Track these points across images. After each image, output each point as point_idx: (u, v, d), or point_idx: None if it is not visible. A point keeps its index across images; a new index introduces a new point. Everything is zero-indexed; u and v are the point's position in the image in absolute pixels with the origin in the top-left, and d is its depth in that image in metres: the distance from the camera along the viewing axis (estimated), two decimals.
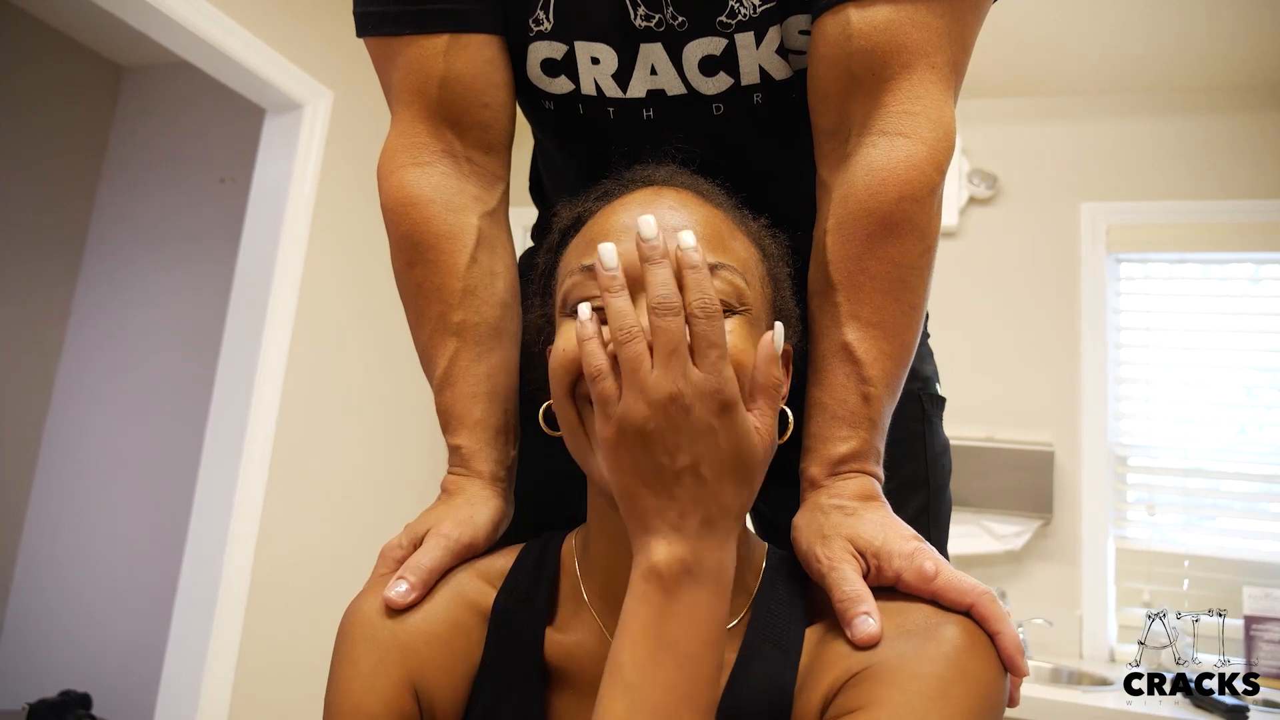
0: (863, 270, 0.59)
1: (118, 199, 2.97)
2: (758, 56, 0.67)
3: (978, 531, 2.42)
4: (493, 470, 0.67)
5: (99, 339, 2.88)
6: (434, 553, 0.59)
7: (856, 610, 0.51)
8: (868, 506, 0.58)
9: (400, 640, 0.56)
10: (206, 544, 2.03)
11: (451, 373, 0.68)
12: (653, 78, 0.69)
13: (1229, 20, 2.20)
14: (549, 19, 0.68)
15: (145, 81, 3.03)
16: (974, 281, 2.59)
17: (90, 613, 2.66)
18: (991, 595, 0.51)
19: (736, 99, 0.69)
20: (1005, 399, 2.50)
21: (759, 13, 0.65)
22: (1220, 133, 2.47)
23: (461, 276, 0.68)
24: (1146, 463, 2.43)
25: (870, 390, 0.59)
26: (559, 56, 0.70)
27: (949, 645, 0.47)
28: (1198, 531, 2.35)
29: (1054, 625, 2.28)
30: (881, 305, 0.59)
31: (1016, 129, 2.64)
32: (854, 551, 0.54)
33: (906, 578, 0.52)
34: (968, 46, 0.63)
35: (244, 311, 2.15)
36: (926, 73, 0.60)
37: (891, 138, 0.60)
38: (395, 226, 0.69)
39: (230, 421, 2.09)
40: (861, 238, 0.60)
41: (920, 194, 0.59)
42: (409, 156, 0.69)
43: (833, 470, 0.59)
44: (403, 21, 0.68)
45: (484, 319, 0.69)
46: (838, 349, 0.60)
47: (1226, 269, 2.48)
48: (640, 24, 0.67)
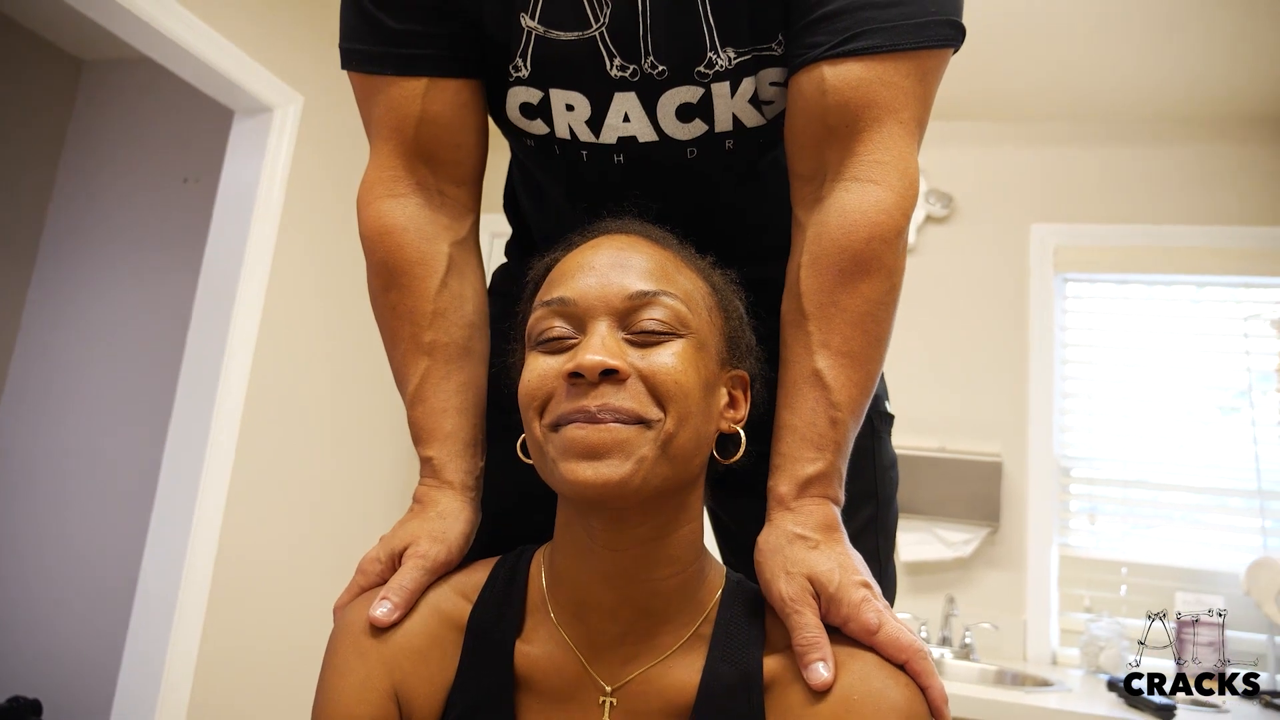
0: (834, 303, 0.64)
1: (75, 196, 2.91)
2: (732, 105, 0.72)
3: (929, 539, 2.50)
4: (462, 480, 0.72)
5: (53, 340, 2.82)
6: (413, 574, 0.64)
7: (813, 657, 0.57)
8: (829, 539, 0.62)
9: (384, 655, 0.61)
10: (167, 548, 2.01)
11: (423, 389, 0.73)
12: (625, 125, 0.73)
13: (1175, 53, 2.31)
14: (527, 66, 0.72)
15: (106, 77, 2.97)
16: (929, 297, 2.68)
17: (41, 618, 2.60)
18: (924, 652, 0.57)
19: (709, 144, 0.74)
20: (957, 411, 2.59)
21: (734, 65, 0.70)
22: (1164, 160, 2.60)
23: (432, 300, 0.73)
24: (1089, 474, 2.54)
25: (837, 415, 0.63)
26: (535, 101, 0.74)
27: (897, 714, 0.55)
28: (1136, 540, 2.47)
29: (999, 629, 2.37)
30: (850, 336, 0.64)
31: (972, 151, 2.74)
32: (813, 592, 0.60)
33: (852, 627, 0.58)
34: (929, 103, 0.69)
35: (209, 313, 2.14)
36: (895, 126, 0.66)
37: (863, 184, 0.65)
38: (372, 253, 0.74)
39: (193, 425, 2.07)
40: (833, 273, 0.64)
41: (888, 235, 0.64)
42: (385, 189, 0.74)
43: (800, 491, 0.64)
44: (385, 62, 0.72)
45: (453, 339, 0.73)
46: (808, 375, 0.64)
47: (1168, 290, 2.61)
48: (615, 74, 0.71)
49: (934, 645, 2.36)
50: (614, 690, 0.59)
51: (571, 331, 0.59)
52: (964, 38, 0.68)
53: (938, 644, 2.36)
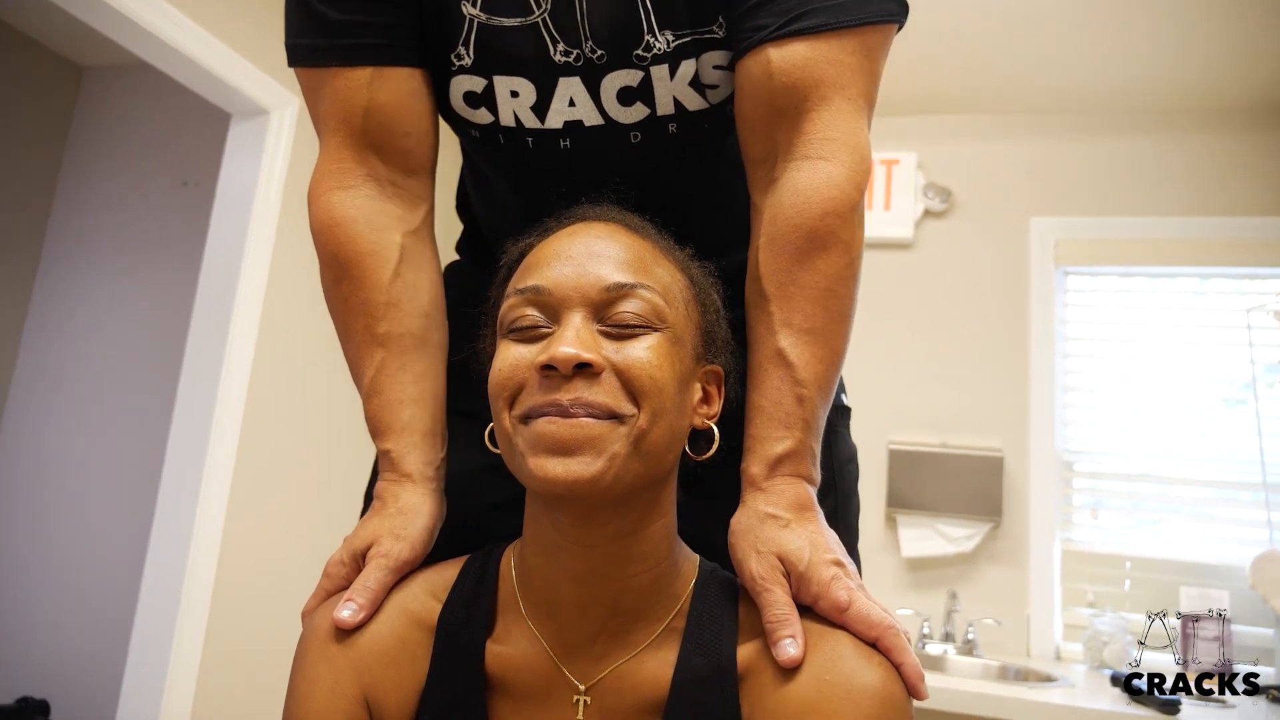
0: (793, 281, 0.64)
1: (76, 200, 2.93)
2: (672, 88, 0.72)
3: (931, 534, 2.49)
4: (421, 470, 0.70)
5: (56, 345, 2.84)
6: (377, 574, 0.63)
7: (782, 634, 0.56)
8: (801, 518, 0.62)
9: (352, 660, 0.60)
10: (169, 550, 2.02)
11: (378, 381, 0.71)
12: (570, 109, 0.73)
13: (1176, 44, 2.30)
14: (469, 54, 0.72)
15: (106, 82, 2.99)
16: (928, 292, 2.67)
17: (49, 619, 2.62)
18: (896, 629, 0.56)
19: (653, 128, 0.74)
20: (958, 406, 2.58)
21: (673, 48, 0.70)
22: (1165, 152, 2.58)
23: (385, 290, 0.72)
24: (1091, 468, 2.53)
25: (803, 392, 0.63)
26: (479, 90, 0.73)
27: (871, 698, 0.54)
28: (1139, 534, 2.46)
29: (1002, 625, 2.36)
30: (812, 313, 0.64)
31: (971, 145, 2.73)
32: (784, 571, 0.59)
33: (822, 605, 0.57)
34: (877, 77, 0.69)
35: (208, 315, 2.15)
36: (843, 103, 0.66)
37: (814, 161, 0.65)
38: (322, 246, 0.74)
39: (193, 428, 2.08)
40: (790, 252, 0.65)
41: (842, 210, 0.64)
42: (335, 181, 0.73)
43: (771, 470, 0.63)
44: (330, 54, 0.72)
45: (408, 330, 0.72)
46: (772, 355, 0.64)
47: (1171, 283, 2.59)
48: (559, 59, 0.71)
49: (936, 641, 2.35)
50: (587, 689, 0.59)
51: (545, 321, 0.58)
52: (907, 13, 0.68)
53: (940, 640, 2.35)
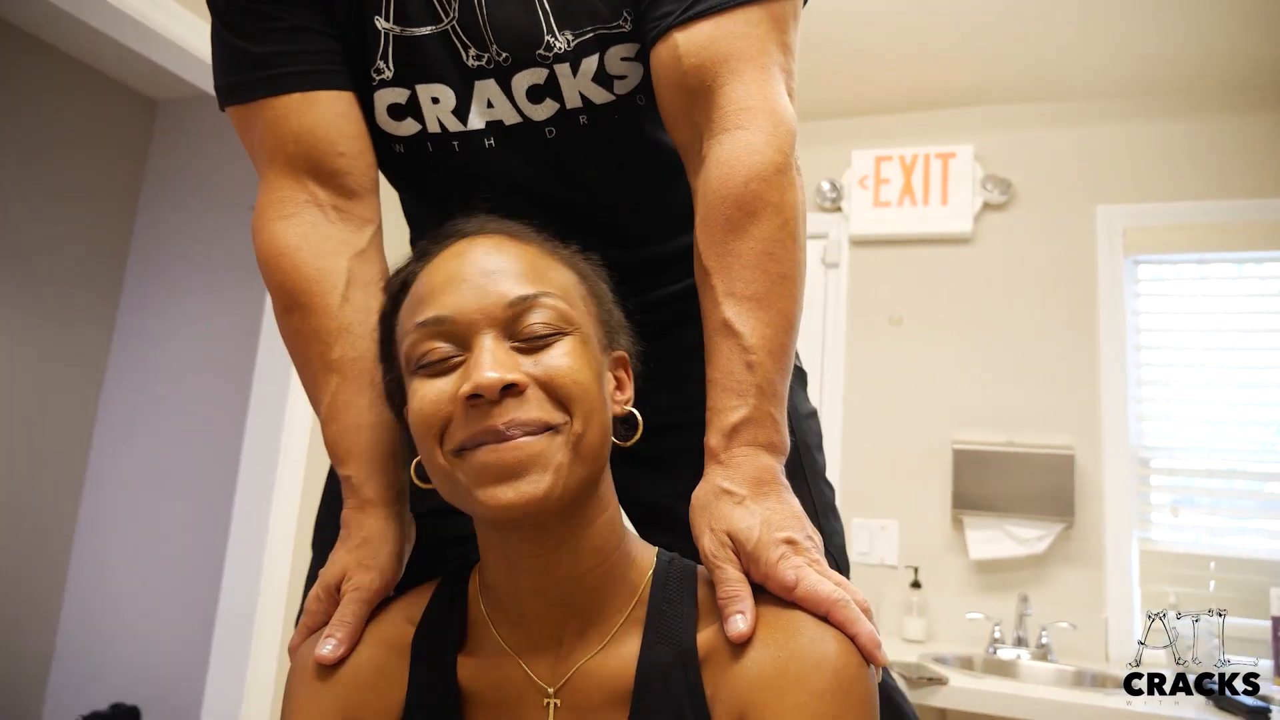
0: (729, 252, 0.65)
1: (154, 229, 3.07)
2: (576, 84, 0.73)
3: (1000, 536, 2.42)
4: (382, 495, 0.69)
5: (139, 365, 2.98)
6: (352, 607, 0.64)
7: (732, 609, 0.57)
8: (757, 493, 0.61)
9: (336, 693, 0.61)
10: (244, 560, 2.11)
11: (335, 406, 0.71)
12: (489, 110, 0.75)
13: (1239, 20, 2.19)
14: (389, 68, 0.74)
15: (179, 114, 3.13)
16: (990, 287, 2.60)
17: (138, 629, 2.75)
18: (844, 600, 0.56)
19: (565, 122, 0.75)
20: (1024, 403, 2.50)
21: (573, 46, 0.72)
22: (1234, 132, 2.46)
23: (335, 316, 0.71)
24: (1169, 464, 2.43)
25: (752, 358, 0.63)
26: (403, 101, 0.75)
27: (827, 670, 0.54)
28: (1224, 533, 2.34)
29: (1078, 629, 2.28)
30: (752, 279, 0.64)
31: (1029, 134, 2.65)
32: (734, 548, 0.59)
33: (771, 585, 0.58)
34: (789, 47, 0.70)
35: (276, 332, 2.23)
36: (754, 72, 0.67)
37: (731, 132, 0.66)
38: (269, 277, 0.73)
39: (265, 440, 2.17)
40: (721, 223, 0.65)
41: (765, 173, 0.65)
42: (276, 210, 0.73)
43: (729, 440, 0.63)
44: (255, 87, 0.73)
45: (361, 353, 0.71)
46: (719, 326, 0.65)
47: (1245, 268, 2.47)
48: (472, 64, 0.73)
49: (1009, 646, 2.28)
50: (556, 690, 0.59)
51: (454, 350, 0.57)
52: None
53: (1013, 644, 2.28)
